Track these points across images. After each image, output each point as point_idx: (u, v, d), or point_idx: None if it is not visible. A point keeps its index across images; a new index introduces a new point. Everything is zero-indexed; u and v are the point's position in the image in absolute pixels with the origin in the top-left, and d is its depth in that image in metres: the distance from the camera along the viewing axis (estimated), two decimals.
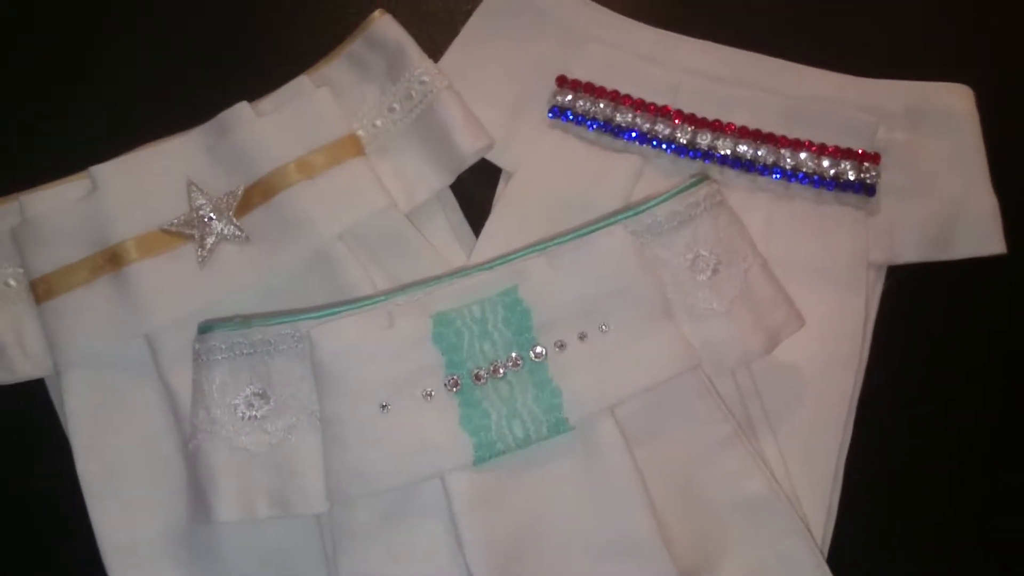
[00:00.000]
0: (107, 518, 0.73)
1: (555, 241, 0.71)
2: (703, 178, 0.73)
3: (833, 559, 0.74)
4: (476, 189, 0.82)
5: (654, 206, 0.71)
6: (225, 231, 0.76)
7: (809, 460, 0.76)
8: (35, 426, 0.78)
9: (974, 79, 0.83)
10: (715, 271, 0.71)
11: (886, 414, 0.79)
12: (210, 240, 0.76)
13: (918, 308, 0.81)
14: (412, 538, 0.69)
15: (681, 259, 0.71)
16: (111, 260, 0.75)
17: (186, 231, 0.76)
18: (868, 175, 0.79)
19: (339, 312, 0.70)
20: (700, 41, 0.84)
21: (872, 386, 0.79)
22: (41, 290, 0.75)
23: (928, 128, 0.82)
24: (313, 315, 0.70)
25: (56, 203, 0.76)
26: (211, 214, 0.76)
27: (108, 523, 0.73)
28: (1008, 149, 0.82)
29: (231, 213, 0.76)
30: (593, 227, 0.71)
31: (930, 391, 0.80)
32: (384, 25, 0.81)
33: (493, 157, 0.81)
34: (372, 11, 0.81)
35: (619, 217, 0.71)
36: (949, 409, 0.80)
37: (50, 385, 0.77)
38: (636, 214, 0.71)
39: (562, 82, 0.82)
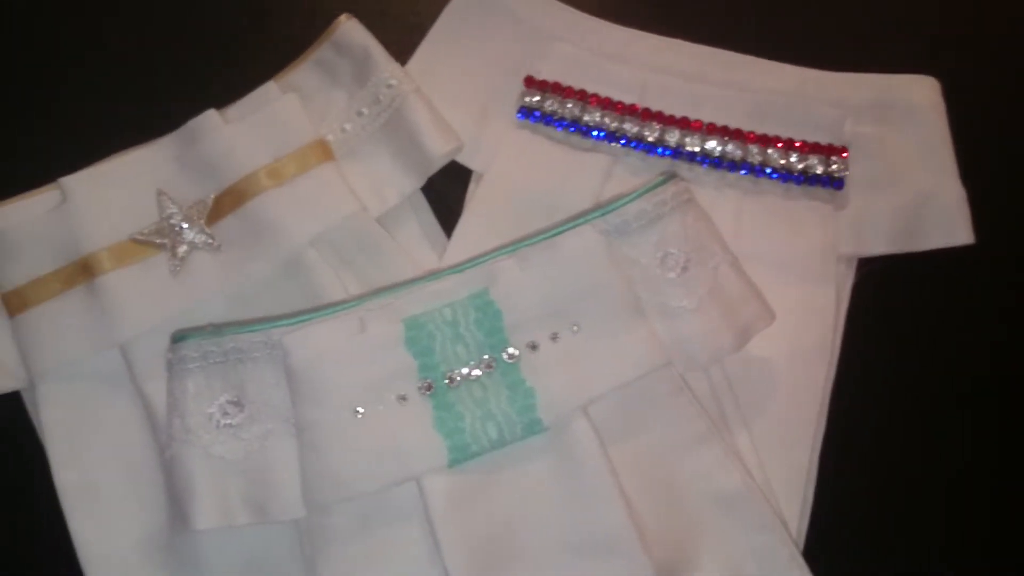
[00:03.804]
0: (87, 529, 0.73)
1: (525, 242, 0.71)
2: (671, 176, 0.73)
3: (808, 552, 0.74)
4: (447, 191, 0.82)
5: (622, 205, 0.72)
6: (196, 239, 0.76)
7: (783, 454, 0.76)
8: (11, 438, 0.78)
9: (940, 70, 0.83)
10: (685, 268, 0.72)
11: (858, 406, 0.79)
12: (181, 249, 0.76)
13: (888, 299, 0.81)
14: (390, 542, 0.69)
15: (651, 257, 0.72)
16: (83, 271, 0.74)
17: (157, 240, 0.76)
18: (836, 169, 0.79)
19: (311, 318, 0.70)
20: (666, 39, 0.84)
21: (844, 378, 0.79)
22: (13, 303, 0.75)
23: (895, 120, 0.82)
24: (285, 322, 0.70)
25: (26, 215, 0.76)
26: (182, 223, 0.76)
27: (88, 534, 0.73)
28: (974, 140, 0.82)
29: (202, 221, 0.76)
30: (562, 228, 0.71)
31: (901, 382, 0.81)
32: (350, 29, 0.80)
33: (463, 159, 0.81)
34: (339, 16, 0.81)
35: (588, 217, 0.72)
36: (920, 399, 0.81)
37: (26, 397, 0.77)
38: (605, 214, 0.72)
39: (530, 82, 0.82)
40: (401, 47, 0.83)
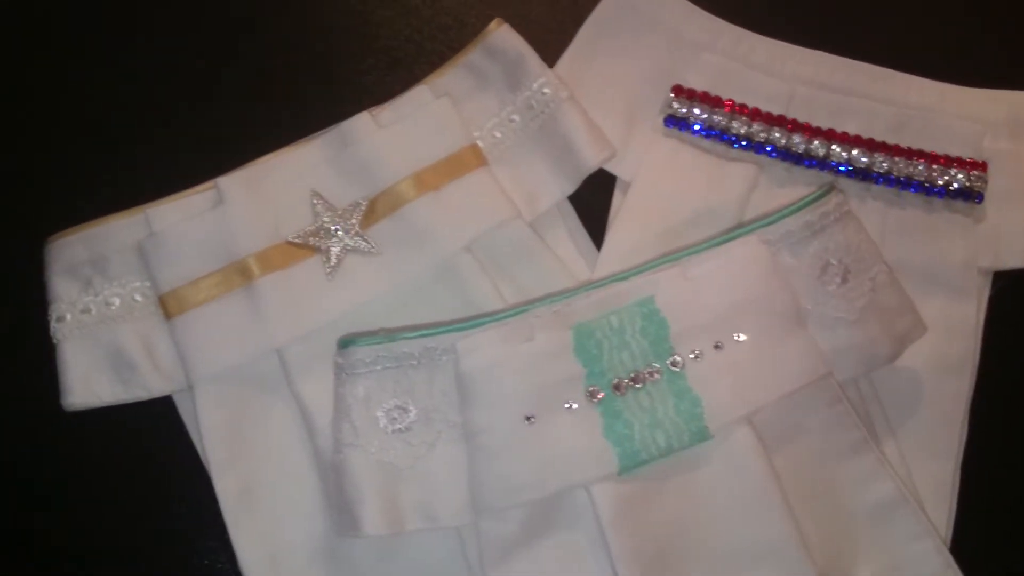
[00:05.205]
0: (246, 534, 0.73)
1: (687, 251, 0.72)
2: (831, 188, 0.74)
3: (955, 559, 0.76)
4: (590, 196, 0.82)
5: (786, 216, 0.72)
6: (351, 243, 0.75)
7: (929, 463, 0.77)
8: (164, 445, 0.77)
9: None
10: (844, 279, 0.73)
11: (997, 416, 0.80)
12: (336, 252, 0.75)
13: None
14: (557, 549, 0.70)
15: (811, 268, 0.72)
16: (240, 273, 0.74)
17: (312, 243, 0.75)
18: (977, 183, 0.81)
19: (481, 324, 0.70)
20: (809, 50, 0.84)
21: (981, 389, 0.80)
22: (171, 305, 0.74)
23: None
24: (456, 328, 0.70)
25: (182, 216, 0.75)
26: (336, 225, 0.75)
27: (247, 539, 0.73)
28: None
29: (356, 225, 0.76)
30: (726, 237, 0.72)
31: None
32: (503, 35, 0.80)
33: (608, 165, 0.81)
34: (486, 21, 0.81)
35: (752, 227, 0.72)
36: None
37: (178, 401, 0.76)
38: (768, 224, 0.72)
39: (678, 91, 0.82)
40: (543, 53, 0.82)
